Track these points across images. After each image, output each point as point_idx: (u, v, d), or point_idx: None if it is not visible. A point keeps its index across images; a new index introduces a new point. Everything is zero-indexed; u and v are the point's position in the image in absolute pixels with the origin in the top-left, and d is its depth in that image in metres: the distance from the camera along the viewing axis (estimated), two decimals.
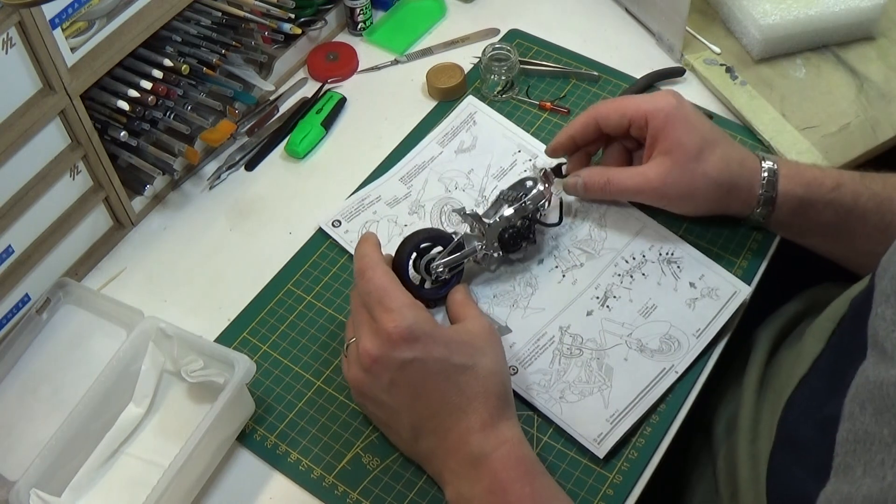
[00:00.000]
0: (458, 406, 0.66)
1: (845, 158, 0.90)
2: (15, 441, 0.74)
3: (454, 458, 0.65)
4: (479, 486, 0.64)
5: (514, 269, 0.83)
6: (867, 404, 0.52)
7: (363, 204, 0.89)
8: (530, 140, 0.93)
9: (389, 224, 0.87)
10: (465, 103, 0.97)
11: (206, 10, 0.91)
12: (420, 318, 0.66)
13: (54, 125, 0.77)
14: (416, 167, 0.92)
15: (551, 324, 0.79)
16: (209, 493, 0.72)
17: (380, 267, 0.70)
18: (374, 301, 0.67)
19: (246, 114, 0.97)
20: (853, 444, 0.52)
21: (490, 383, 0.67)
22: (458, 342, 0.68)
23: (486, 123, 0.95)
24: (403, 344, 0.65)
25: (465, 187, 0.90)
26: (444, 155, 0.92)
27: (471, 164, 0.91)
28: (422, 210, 0.88)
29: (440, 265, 0.77)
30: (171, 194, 0.93)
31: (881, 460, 0.49)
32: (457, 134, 0.94)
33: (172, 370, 0.77)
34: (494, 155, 0.92)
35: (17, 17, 0.68)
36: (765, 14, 0.96)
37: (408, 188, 0.90)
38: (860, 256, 0.78)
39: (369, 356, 0.66)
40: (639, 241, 0.83)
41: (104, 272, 0.87)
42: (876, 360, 0.54)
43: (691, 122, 0.77)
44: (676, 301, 0.79)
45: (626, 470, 0.71)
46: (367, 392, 0.69)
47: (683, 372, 0.75)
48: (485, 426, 0.65)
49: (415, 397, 0.66)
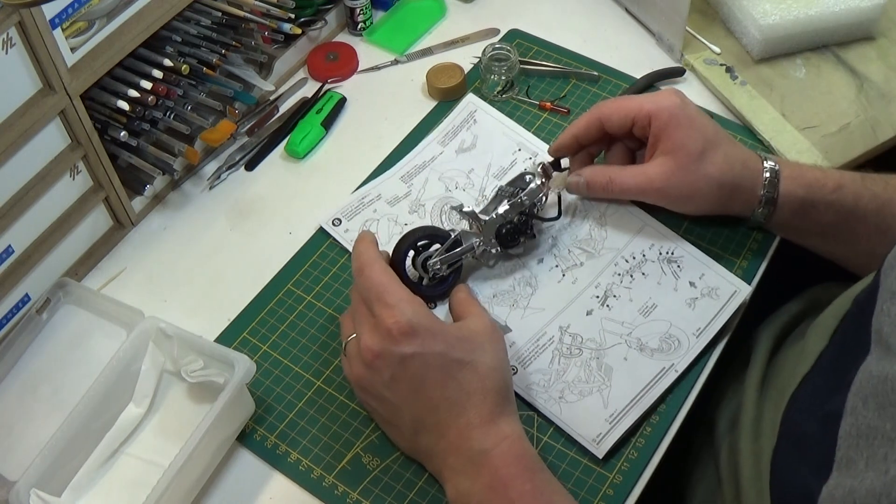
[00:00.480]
0: (458, 401, 0.66)
1: (845, 158, 0.90)
2: (15, 441, 0.74)
3: (454, 454, 0.65)
4: (480, 482, 0.64)
5: (513, 268, 0.83)
6: (870, 399, 0.52)
7: (363, 202, 0.89)
8: (530, 138, 0.93)
9: (389, 223, 0.87)
10: (466, 101, 0.97)
11: (206, 10, 0.91)
12: (419, 313, 0.67)
13: (54, 125, 0.77)
14: (416, 166, 0.92)
15: (551, 323, 0.79)
16: (209, 493, 0.72)
17: (378, 264, 0.70)
18: (373, 297, 0.68)
19: (246, 114, 0.97)
20: (856, 439, 0.52)
21: (489, 380, 0.67)
22: (457, 338, 0.68)
23: (486, 122, 0.95)
24: (403, 338, 0.65)
25: (466, 187, 0.90)
26: (445, 154, 0.92)
27: (471, 164, 0.91)
28: (422, 209, 0.88)
29: (437, 262, 0.77)
30: (171, 194, 0.93)
31: (884, 454, 0.49)
32: (457, 133, 0.94)
33: (172, 370, 0.77)
34: (495, 154, 0.92)
35: (17, 17, 0.68)
36: (765, 14, 0.96)
37: (408, 187, 0.90)
38: (860, 257, 0.78)
39: (371, 351, 0.66)
40: (639, 241, 0.83)
41: (104, 272, 0.87)
42: (880, 355, 0.54)
43: (694, 121, 0.77)
44: (676, 300, 0.79)
45: (626, 470, 0.71)
46: (369, 388, 0.69)
47: (684, 372, 0.75)
48: (484, 422, 0.65)
49: (415, 392, 0.66)
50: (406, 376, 0.66)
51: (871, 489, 0.49)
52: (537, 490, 0.63)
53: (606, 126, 0.81)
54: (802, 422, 0.64)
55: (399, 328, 0.65)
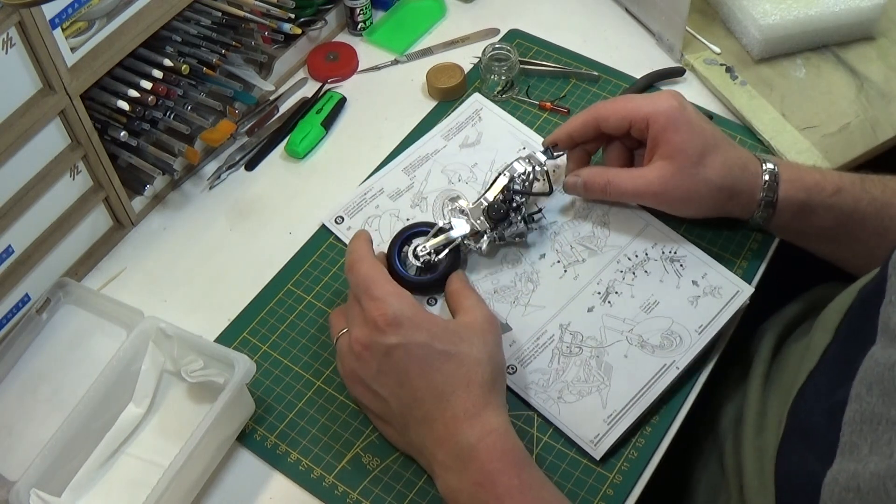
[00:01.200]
0: (442, 393, 0.66)
1: (845, 158, 0.90)
2: (15, 441, 0.74)
3: (442, 449, 0.65)
4: (467, 478, 0.64)
5: (515, 263, 0.83)
6: (874, 386, 0.52)
7: (365, 198, 0.89)
8: (536, 137, 0.93)
9: (392, 218, 0.87)
10: (472, 100, 0.97)
11: (206, 10, 0.91)
12: (405, 305, 0.68)
13: (54, 125, 0.77)
14: (419, 158, 0.92)
15: (552, 321, 0.79)
16: (209, 493, 0.72)
17: (367, 260, 0.71)
18: (361, 291, 0.69)
19: (246, 114, 0.97)
20: (860, 424, 0.52)
21: (473, 372, 0.67)
22: (442, 329, 0.68)
23: (491, 120, 0.95)
24: (389, 329, 0.66)
25: (469, 180, 0.90)
26: (449, 148, 0.92)
27: (475, 159, 0.91)
28: (424, 202, 0.88)
29: (423, 247, 0.79)
30: (171, 194, 0.93)
31: (888, 439, 0.49)
32: (462, 129, 0.94)
33: (172, 370, 0.77)
34: (499, 151, 0.92)
35: (17, 17, 0.68)
36: (765, 14, 0.96)
37: (410, 179, 0.90)
38: (859, 259, 0.78)
39: (359, 342, 0.68)
40: (642, 240, 0.83)
41: (104, 272, 0.87)
42: (885, 344, 0.54)
43: (693, 125, 0.77)
44: (679, 297, 0.79)
45: (626, 470, 0.71)
46: (359, 381, 0.70)
47: (685, 374, 0.75)
48: (469, 415, 0.65)
49: (401, 385, 0.67)
50: (391, 368, 0.67)
51: (876, 472, 0.49)
52: (525, 485, 0.63)
53: (603, 127, 0.81)
54: (809, 415, 0.64)
55: (385, 319, 0.66)
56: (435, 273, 0.79)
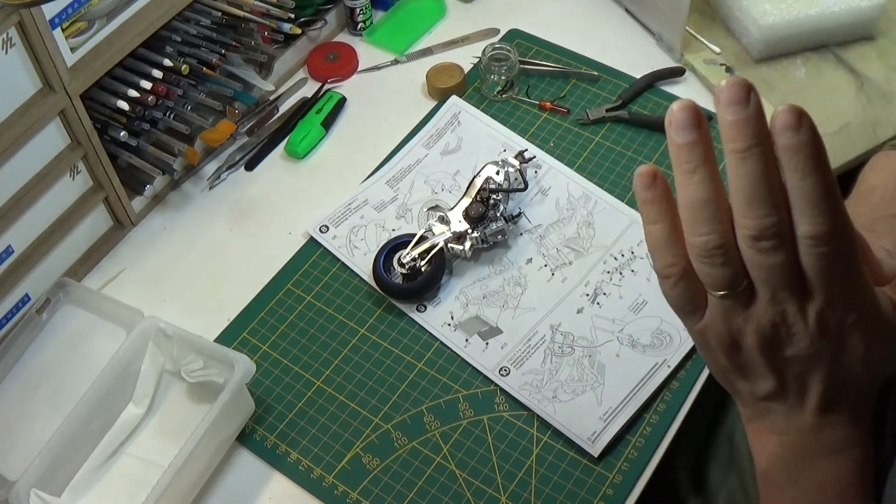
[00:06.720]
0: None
1: (845, 158, 0.90)
2: (15, 441, 0.74)
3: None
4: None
5: (503, 268, 0.83)
6: None
7: (350, 208, 0.89)
8: (515, 138, 0.93)
9: (377, 229, 0.87)
10: (449, 104, 0.97)
11: (206, 10, 0.91)
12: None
13: (54, 125, 0.77)
14: (402, 170, 0.92)
15: (542, 322, 0.79)
16: (209, 493, 0.72)
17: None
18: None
19: (246, 114, 0.97)
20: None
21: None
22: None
23: (470, 123, 0.95)
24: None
25: (452, 188, 0.90)
26: (430, 157, 0.92)
27: (457, 166, 0.91)
28: (409, 214, 0.88)
29: (407, 254, 0.81)
30: (171, 194, 0.93)
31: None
32: (441, 135, 0.94)
33: (172, 370, 0.77)
34: (480, 155, 0.92)
35: (17, 17, 0.68)
36: (765, 14, 0.96)
37: (394, 191, 0.90)
38: None
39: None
40: (627, 238, 0.83)
41: (104, 272, 0.87)
42: None
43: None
44: None
45: (626, 470, 0.71)
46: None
47: (684, 373, 0.75)
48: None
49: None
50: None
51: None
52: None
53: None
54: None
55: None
56: (423, 277, 0.80)
